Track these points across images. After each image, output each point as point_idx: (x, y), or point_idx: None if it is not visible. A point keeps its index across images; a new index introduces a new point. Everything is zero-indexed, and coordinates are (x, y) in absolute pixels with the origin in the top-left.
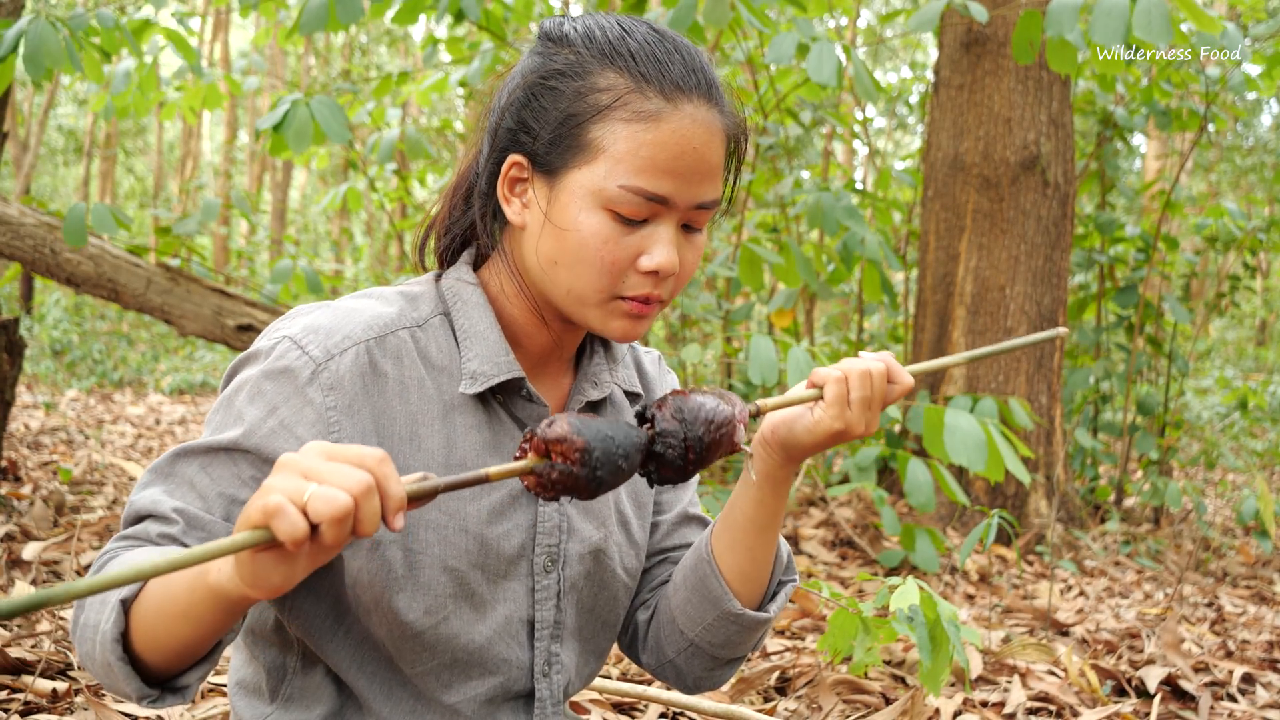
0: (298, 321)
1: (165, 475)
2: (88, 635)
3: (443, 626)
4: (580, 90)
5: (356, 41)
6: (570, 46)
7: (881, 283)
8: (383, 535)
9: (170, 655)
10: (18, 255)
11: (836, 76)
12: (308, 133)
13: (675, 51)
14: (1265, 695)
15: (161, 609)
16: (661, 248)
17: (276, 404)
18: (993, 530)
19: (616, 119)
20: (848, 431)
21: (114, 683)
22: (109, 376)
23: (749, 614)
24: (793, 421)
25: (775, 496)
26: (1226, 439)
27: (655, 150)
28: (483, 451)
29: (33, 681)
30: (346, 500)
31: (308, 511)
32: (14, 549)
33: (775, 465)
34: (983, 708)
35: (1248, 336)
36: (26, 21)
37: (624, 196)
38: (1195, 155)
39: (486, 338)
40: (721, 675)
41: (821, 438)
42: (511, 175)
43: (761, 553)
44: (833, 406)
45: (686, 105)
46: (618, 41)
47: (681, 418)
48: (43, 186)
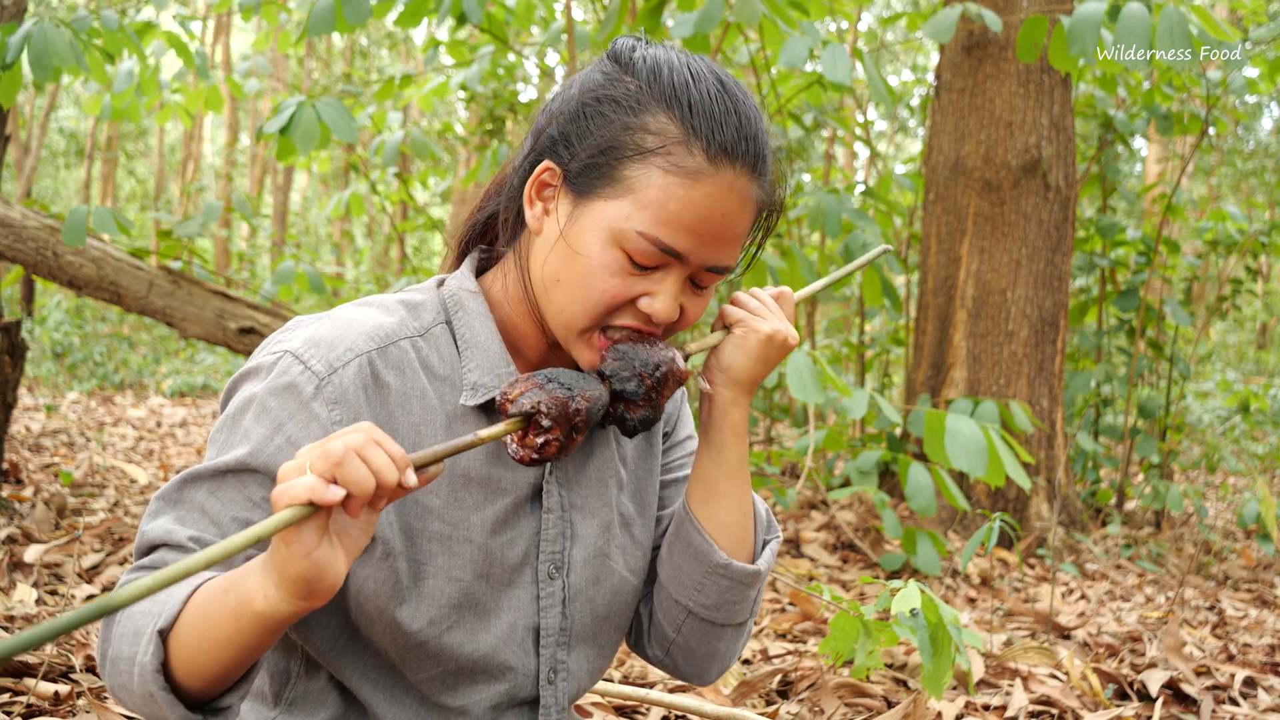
0: (298, 335)
1: (174, 503)
2: (121, 668)
3: (446, 636)
4: (629, 126)
5: (357, 45)
6: (634, 76)
7: (883, 286)
8: (392, 547)
9: (212, 681)
10: (20, 258)
11: (849, 76)
12: (314, 134)
13: (733, 113)
14: (1267, 699)
15: (204, 636)
16: (664, 299)
17: (282, 421)
18: (994, 534)
19: (655, 165)
20: (773, 335)
21: (155, 712)
22: (110, 379)
23: (735, 564)
24: (719, 350)
25: (735, 439)
26: (1228, 442)
27: (683, 207)
28: (485, 461)
29: (35, 684)
30: (358, 438)
31: (338, 476)
32: (15, 552)
33: (727, 400)
34: (984, 711)
35: (1249, 340)
36: (30, 24)
37: (640, 243)
38: (1196, 159)
39: (487, 348)
40: (725, 648)
41: (753, 346)
42: (542, 179)
43: (735, 500)
44: (742, 323)
45: (728, 172)
46: (681, 88)
47: (620, 356)
48: (44, 189)
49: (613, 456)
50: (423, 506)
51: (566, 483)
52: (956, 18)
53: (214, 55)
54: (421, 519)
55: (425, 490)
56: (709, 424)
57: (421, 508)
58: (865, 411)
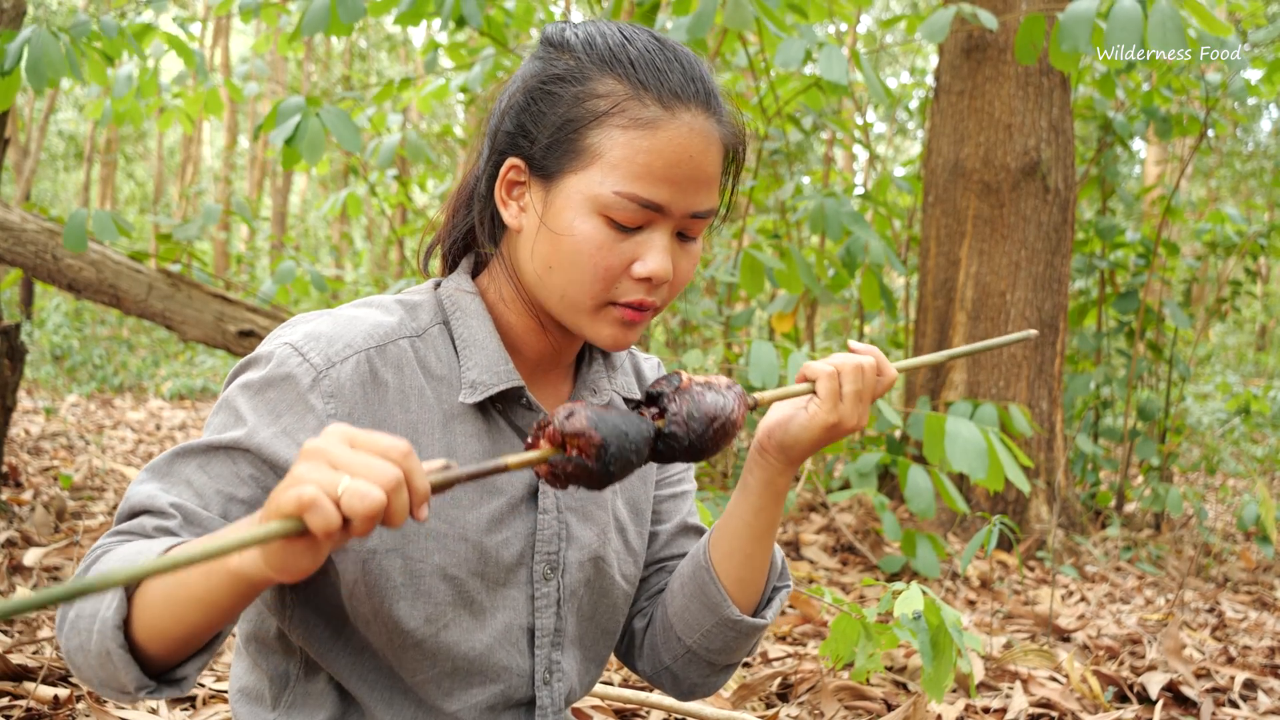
0: (299, 329)
1: (163, 474)
2: (81, 626)
3: (443, 634)
4: (579, 96)
5: (356, 48)
6: (570, 52)
7: (880, 289)
8: (378, 545)
9: (173, 643)
10: (19, 261)
11: (846, 76)
12: (320, 144)
13: (675, 60)
14: (1267, 701)
15: (171, 595)
16: (655, 255)
17: (279, 410)
18: (994, 536)
19: (614, 125)
20: (841, 425)
21: (109, 674)
22: (109, 382)
23: (746, 620)
24: (787, 423)
25: (774, 504)
26: (1227, 444)
27: (651, 157)
28: (483, 460)
29: (34, 688)
30: (380, 497)
31: (341, 505)
32: (15, 555)
33: (775, 471)
34: (984, 714)
35: (1248, 342)
36: (29, 33)
37: (619, 203)
38: (1195, 161)
39: (485, 347)
40: (717, 681)
41: (818, 433)
42: (509, 178)
43: (759, 560)
44: (827, 401)
45: (684, 114)
46: (618, 49)
47: (690, 420)
48: (43, 192)
49: None
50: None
51: None
52: (951, 18)
53: (213, 58)
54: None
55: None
56: (750, 485)
57: None
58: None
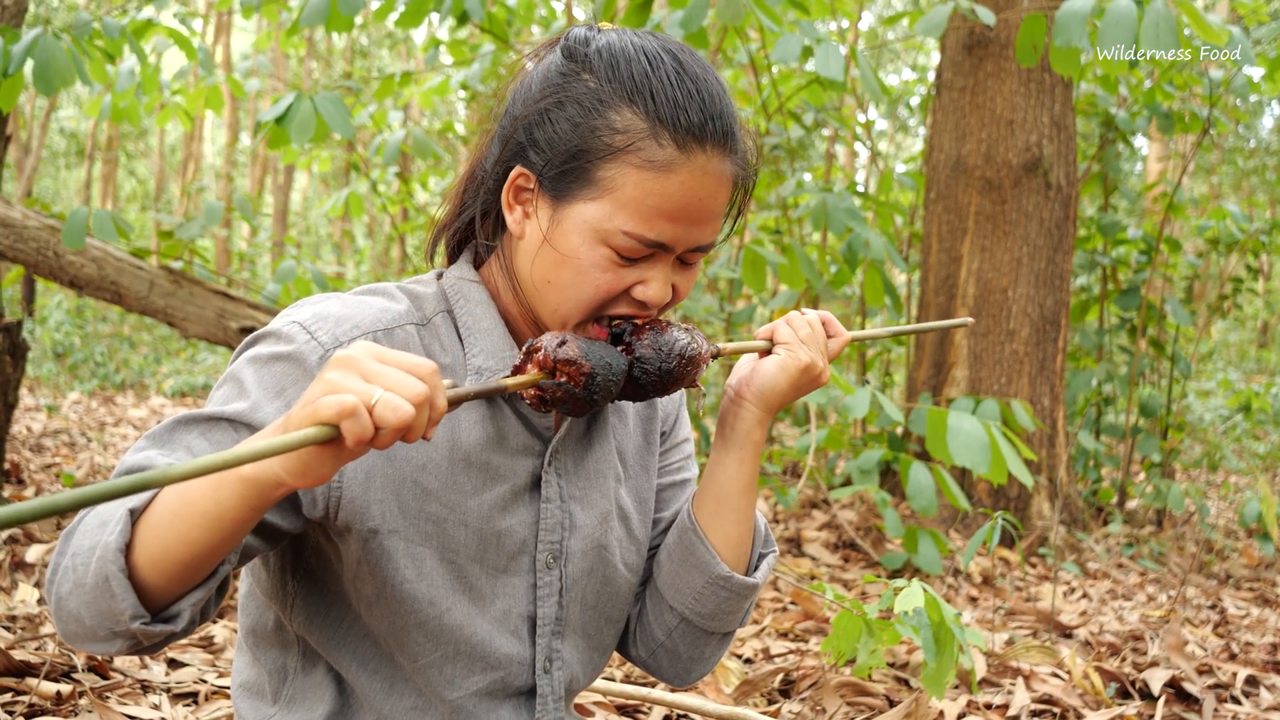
0: (307, 309)
1: (163, 440)
2: (79, 563)
3: (445, 617)
4: (595, 128)
5: (357, 44)
6: (592, 73)
7: (884, 285)
8: (380, 525)
9: (173, 568)
10: (21, 258)
11: (843, 72)
12: (310, 126)
13: (696, 95)
14: (1269, 697)
15: (177, 513)
16: (656, 284)
17: (284, 385)
18: (996, 532)
19: (628, 163)
20: (811, 366)
21: (104, 608)
22: (111, 379)
23: (736, 577)
24: (756, 372)
25: (753, 456)
26: (1229, 441)
27: (662, 201)
28: (487, 446)
29: (37, 684)
30: (410, 411)
31: (374, 415)
32: (17, 552)
33: (754, 420)
34: (986, 710)
35: (1250, 339)
36: (33, 36)
37: (625, 240)
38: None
39: (491, 334)
40: (713, 653)
41: (794, 374)
42: (517, 184)
43: (744, 515)
44: (788, 344)
45: (699, 156)
46: (641, 79)
47: (658, 348)
48: (44, 189)
49: (611, 450)
50: (421, 488)
51: (565, 473)
52: (949, 13)
53: (215, 55)
54: (419, 500)
55: (424, 471)
56: (729, 437)
57: (420, 489)
58: (867, 410)
